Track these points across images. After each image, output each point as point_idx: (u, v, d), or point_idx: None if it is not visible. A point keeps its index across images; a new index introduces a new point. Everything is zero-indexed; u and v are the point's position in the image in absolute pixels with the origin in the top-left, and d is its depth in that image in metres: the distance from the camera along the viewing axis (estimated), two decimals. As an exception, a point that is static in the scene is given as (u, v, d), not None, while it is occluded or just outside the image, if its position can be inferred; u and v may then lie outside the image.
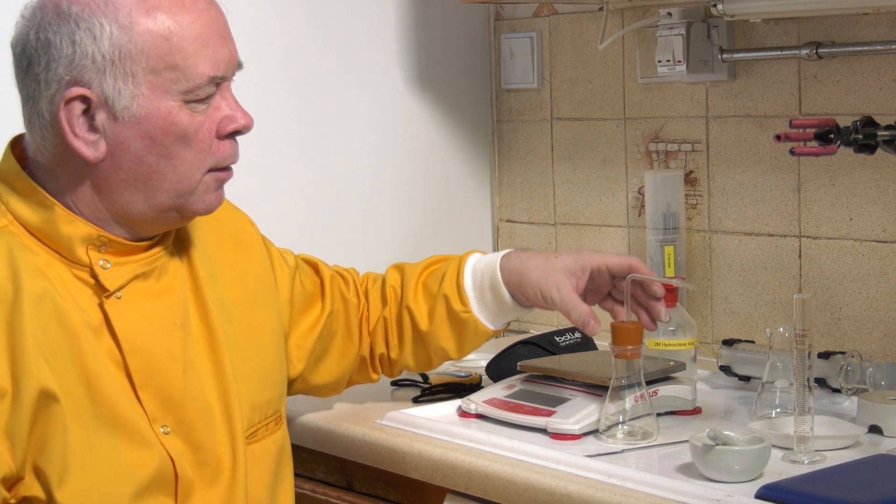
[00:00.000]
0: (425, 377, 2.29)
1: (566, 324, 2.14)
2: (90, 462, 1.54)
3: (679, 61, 2.34)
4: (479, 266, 2.00)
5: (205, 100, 1.60)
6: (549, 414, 1.87)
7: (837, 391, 2.06)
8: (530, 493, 1.76)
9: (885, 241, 2.17)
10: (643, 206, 2.49)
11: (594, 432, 1.93)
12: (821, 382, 2.05)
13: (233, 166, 1.68)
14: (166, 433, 1.62)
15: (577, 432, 1.88)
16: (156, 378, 1.62)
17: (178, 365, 1.64)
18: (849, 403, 2.03)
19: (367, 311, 2.03)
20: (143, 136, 1.57)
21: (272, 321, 1.84)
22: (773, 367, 1.98)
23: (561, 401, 1.87)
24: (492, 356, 2.27)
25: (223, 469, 1.67)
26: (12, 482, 1.51)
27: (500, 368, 2.21)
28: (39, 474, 1.52)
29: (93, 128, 1.56)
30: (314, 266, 2.01)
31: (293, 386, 1.95)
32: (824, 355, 2.08)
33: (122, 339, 1.59)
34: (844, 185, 2.22)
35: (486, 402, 2.05)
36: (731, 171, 2.39)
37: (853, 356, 2.06)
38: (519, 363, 2.12)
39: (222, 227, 1.80)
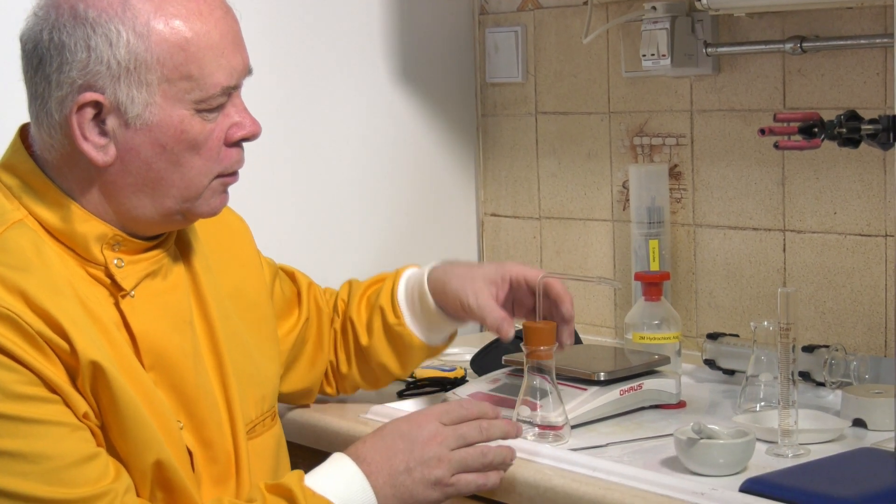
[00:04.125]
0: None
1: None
2: (137, 418, 1.55)
3: (663, 55, 2.34)
4: (411, 279, 2.02)
5: (216, 109, 1.59)
6: (535, 407, 1.87)
7: (822, 385, 2.06)
8: (514, 487, 1.76)
9: (869, 235, 2.18)
10: (628, 199, 2.49)
11: (579, 426, 1.94)
12: (805, 376, 2.06)
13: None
14: (181, 428, 1.63)
15: (561, 425, 1.88)
16: (171, 375, 1.62)
17: (189, 361, 1.65)
18: (833, 397, 2.04)
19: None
20: (153, 144, 1.56)
21: (267, 318, 1.85)
22: (758, 361, 1.99)
23: (545, 394, 1.87)
24: (476, 350, 2.27)
25: (231, 466, 1.68)
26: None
27: (484, 362, 2.21)
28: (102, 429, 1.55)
29: (103, 132, 1.55)
30: (291, 274, 2.03)
31: None
32: (808, 349, 2.08)
33: (138, 337, 1.60)
34: (829, 179, 2.22)
35: (471, 395, 2.05)
36: (716, 165, 2.39)
37: (837, 350, 2.07)
38: (504, 357, 2.12)
39: (217, 226, 1.80)
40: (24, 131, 1.62)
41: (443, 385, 2.20)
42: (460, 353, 2.41)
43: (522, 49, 2.71)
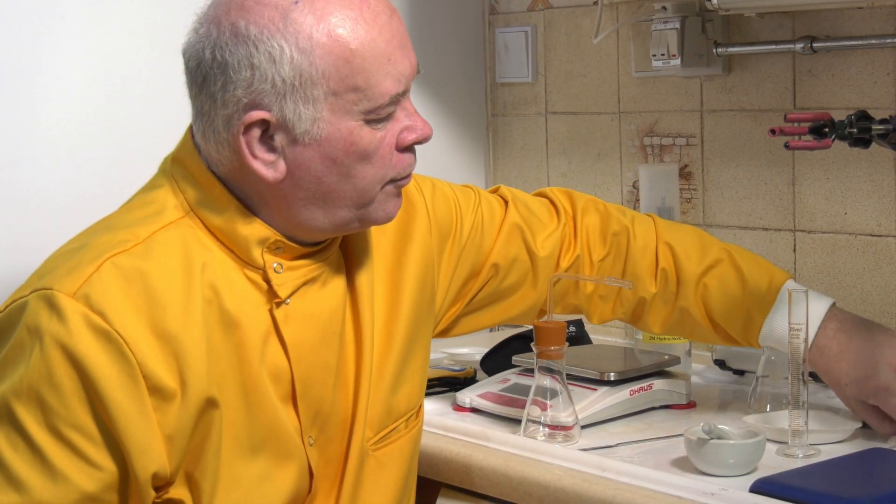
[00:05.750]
0: (420, 371, 2.29)
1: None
2: (240, 478, 1.52)
3: (674, 55, 2.34)
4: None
5: (386, 118, 1.54)
6: (545, 407, 1.87)
7: (832, 385, 2.06)
8: (525, 487, 1.76)
9: (880, 235, 2.17)
10: (638, 200, 2.49)
11: (589, 426, 1.94)
12: (815, 376, 2.05)
13: None
14: (311, 445, 1.60)
15: (571, 425, 1.88)
16: (313, 389, 1.59)
17: (331, 377, 1.61)
18: (843, 397, 2.03)
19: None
20: (323, 158, 1.51)
21: (424, 326, 1.77)
22: (768, 361, 1.98)
23: (555, 394, 1.87)
24: (486, 350, 2.27)
25: (336, 483, 1.64)
26: (163, 483, 1.48)
27: (494, 362, 2.21)
28: (192, 484, 1.50)
29: (271, 149, 1.50)
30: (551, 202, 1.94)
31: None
32: (819, 349, 2.08)
33: (290, 347, 1.56)
34: (839, 179, 2.22)
35: (480, 395, 2.05)
36: (726, 165, 2.39)
37: (847, 350, 2.06)
38: (513, 357, 2.12)
39: (386, 226, 1.72)
40: (192, 128, 1.58)
41: (452, 385, 2.20)
42: (470, 353, 2.41)
43: (532, 49, 2.71)
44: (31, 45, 2.26)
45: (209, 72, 1.50)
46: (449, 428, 1.95)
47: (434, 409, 2.07)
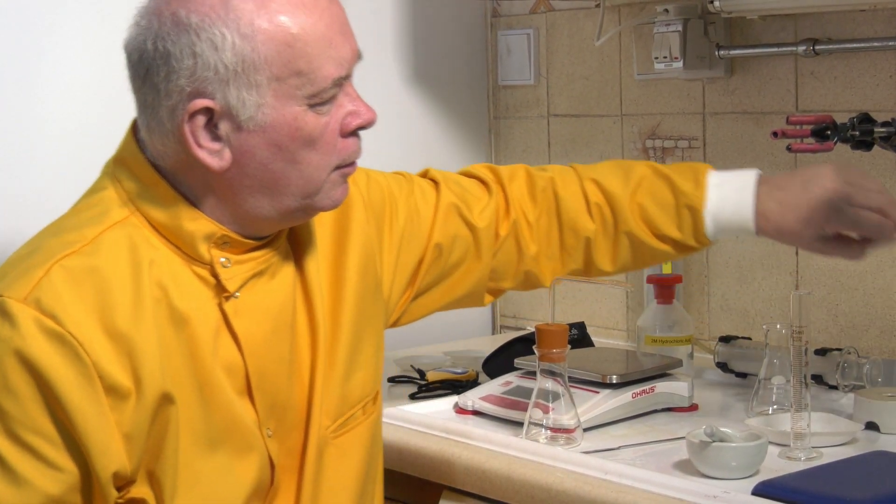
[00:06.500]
0: (422, 374, 2.29)
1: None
2: (201, 473, 1.52)
3: (676, 58, 2.34)
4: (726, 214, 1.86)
5: (329, 101, 1.54)
6: (547, 410, 1.87)
7: (834, 388, 2.06)
8: (527, 490, 1.76)
9: (882, 238, 2.17)
10: (640, 202, 2.49)
11: (591, 428, 1.94)
12: (818, 379, 2.05)
13: None
14: (270, 436, 1.60)
15: (573, 427, 1.88)
16: (268, 381, 1.58)
17: (285, 368, 1.61)
18: (846, 400, 2.03)
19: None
20: (268, 144, 1.52)
21: (375, 307, 1.77)
22: (770, 364, 1.98)
23: (557, 397, 1.87)
24: (488, 353, 2.28)
25: (298, 473, 1.64)
26: (124, 482, 1.49)
27: (496, 365, 2.21)
28: (154, 482, 1.50)
29: (216, 137, 1.51)
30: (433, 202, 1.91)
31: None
32: (821, 352, 2.08)
33: (242, 340, 1.56)
34: (841, 182, 2.22)
35: (482, 398, 2.05)
36: (728, 167, 2.37)
37: (850, 353, 2.06)
38: (516, 360, 2.12)
39: (324, 216, 1.72)
40: (135, 126, 1.58)
41: (454, 387, 2.20)
42: (472, 356, 2.41)
43: (535, 51, 2.71)
44: (32, 45, 2.26)
45: (152, 63, 1.50)
46: (451, 430, 1.95)
47: (436, 411, 2.07)
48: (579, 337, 2.30)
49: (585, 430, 1.91)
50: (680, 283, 2.32)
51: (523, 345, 2.21)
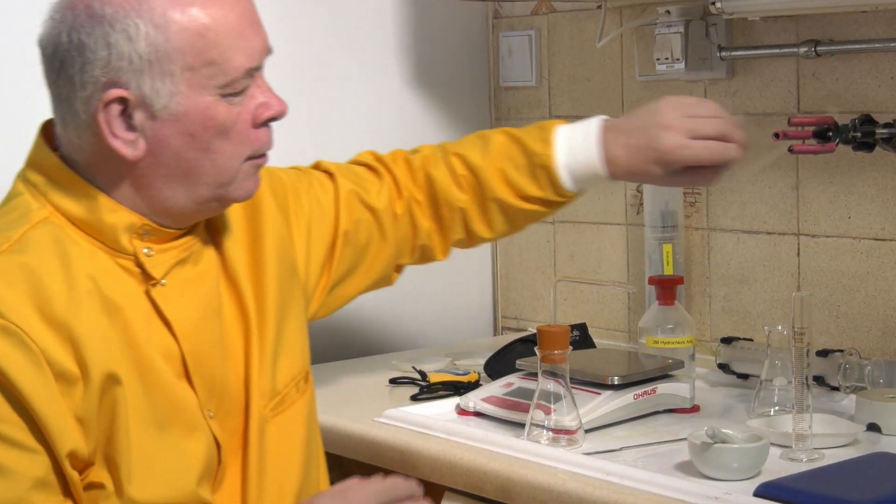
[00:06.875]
0: (424, 375, 2.29)
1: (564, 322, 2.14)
2: (153, 454, 1.56)
3: (677, 59, 2.34)
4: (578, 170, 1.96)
5: (241, 92, 1.59)
6: (548, 411, 1.87)
7: (836, 389, 2.06)
8: (528, 491, 1.76)
9: (884, 240, 2.17)
10: (641, 203, 2.49)
11: (593, 430, 1.94)
12: (819, 380, 2.05)
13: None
14: (211, 417, 1.63)
15: (575, 429, 1.88)
16: (203, 364, 1.63)
17: (218, 351, 1.65)
18: (847, 401, 2.03)
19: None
20: (182, 133, 1.56)
21: (294, 290, 1.82)
22: (772, 365, 1.98)
23: (559, 398, 1.87)
24: (490, 354, 2.28)
25: (242, 452, 1.68)
26: (83, 465, 1.53)
27: (498, 366, 2.22)
28: (111, 465, 1.54)
29: (131, 127, 1.55)
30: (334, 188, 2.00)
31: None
32: (823, 353, 2.08)
33: (174, 325, 1.60)
34: (843, 184, 2.22)
35: (484, 399, 2.05)
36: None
37: (851, 354, 2.06)
38: (517, 361, 2.12)
39: (235, 207, 1.77)
40: (45, 129, 1.62)
41: (456, 389, 2.20)
42: (474, 357, 2.41)
43: (536, 53, 2.71)
44: (32, 45, 2.26)
45: (66, 55, 1.54)
46: (452, 432, 1.95)
47: (438, 413, 2.07)
48: (581, 338, 2.30)
49: (587, 431, 1.91)
50: (681, 284, 2.32)
51: (525, 346, 2.21)
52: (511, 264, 2.81)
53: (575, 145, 1.95)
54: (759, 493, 1.61)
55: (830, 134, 1.95)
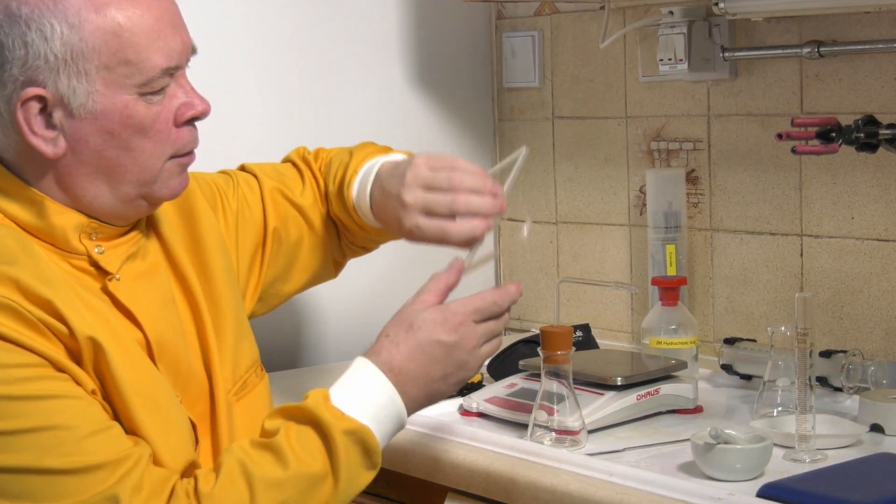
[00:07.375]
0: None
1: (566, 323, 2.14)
2: (146, 413, 1.57)
3: (681, 60, 2.34)
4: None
5: (160, 91, 1.61)
6: (552, 412, 1.87)
7: (839, 390, 2.06)
8: (531, 492, 1.76)
9: (887, 240, 2.17)
10: (645, 204, 2.49)
11: (596, 430, 1.94)
12: (822, 381, 2.05)
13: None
14: (180, 402, 1.66)
15: (578, 429, 1.88)
16: (168, 351, 1.66)
17: (180, 338, 1.69)
18: (850, 402, 2.03)
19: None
20: (101, 131, 1.59)
21: (232, 280, 1.86)
22: (775, 366, 1.98)
23: (562, 399, 1.87)
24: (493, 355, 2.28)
25: (211, 436, 1.71)
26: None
27: (501, 367, 2.21)
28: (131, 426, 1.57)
29: (50, 125, 1.58)
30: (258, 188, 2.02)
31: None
32: (826, 354, 2.08)
33: (136, 314, 1.63)
34: (846, 184, 2.22)
35: (487, 400, 2.05)
36: (733, 169, 2.39)
37: (855, 355, 2.06)
38: (520, 361, 2.12)
39: (167, 206, 1.81)
40: None
41: (459, 389, 2.19)
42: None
43: (539, 53, 2.71)
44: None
45: None
46: (456, 432, 1.95)
47: (441, 413, 2.07)
48: (584, 339, 2.30)
49: (590, 431, 1.91)
50: (685, 285, 2.32)
51: (528, 347, 2.21)
52: (514, 265, 2.81)
53: (362, 183, 1.94)
54: (762, 494, 1.61)
55: (833, 135, 1.95)
